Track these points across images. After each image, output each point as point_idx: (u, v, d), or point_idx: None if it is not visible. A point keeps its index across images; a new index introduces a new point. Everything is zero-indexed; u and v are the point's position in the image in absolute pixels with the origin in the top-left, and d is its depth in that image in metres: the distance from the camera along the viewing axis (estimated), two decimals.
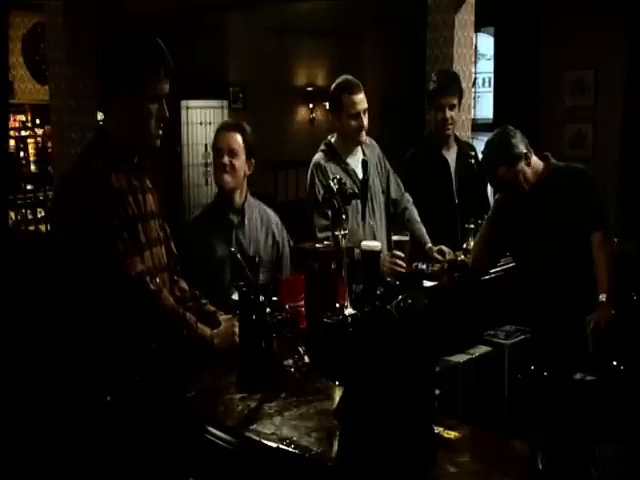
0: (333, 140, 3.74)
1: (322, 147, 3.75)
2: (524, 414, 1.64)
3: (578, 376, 1.46)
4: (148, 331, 2.28)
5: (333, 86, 3.72)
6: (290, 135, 10.07)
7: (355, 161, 3.70)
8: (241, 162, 3.22)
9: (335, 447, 1.77)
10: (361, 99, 3.63)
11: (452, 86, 4.16)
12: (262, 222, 3.32)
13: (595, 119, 7.07)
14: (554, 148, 7.60)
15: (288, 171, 9.08)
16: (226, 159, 3.19)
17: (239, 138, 3.22)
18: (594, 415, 1.48)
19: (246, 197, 3.30)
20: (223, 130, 3.28)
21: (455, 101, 4.13)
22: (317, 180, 3.57)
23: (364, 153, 3.78)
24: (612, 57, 6.82)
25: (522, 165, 3.13)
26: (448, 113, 4.07)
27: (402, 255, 3.47)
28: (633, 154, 6.73)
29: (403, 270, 3.44)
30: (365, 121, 3.65)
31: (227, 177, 3.20)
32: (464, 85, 4.86)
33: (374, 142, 3.90)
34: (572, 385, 1.46)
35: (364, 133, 3.68)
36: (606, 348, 2.76)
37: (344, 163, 3.69)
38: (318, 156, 3.69)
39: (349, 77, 3.71)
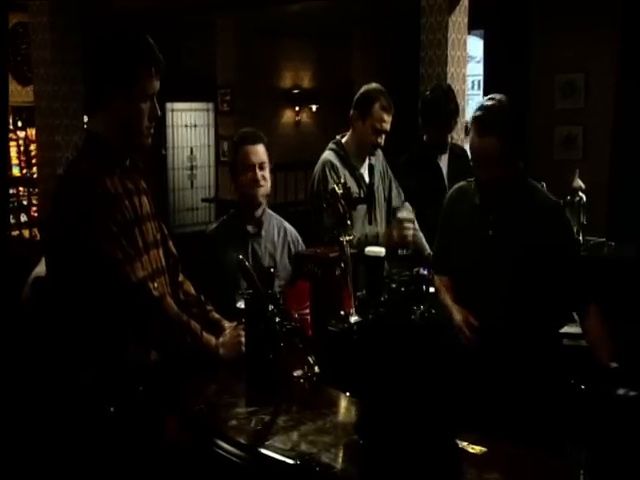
0: (344, 140, 3.64)
1: (332, 146, 3.63)
2: (560, 429, 1.58)
3: (621, 391, 1.40)
4: (151, 338, 2.22)
5: (367, 89, 3.60)
6: (276, 138, 9.99)
7: (364, 166, 3.64)
8: (269, 173, 3.15)
9: (357, 463, 1.69)
10: (390, 121, 3.56)
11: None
12: (279, 233, 3.23)
13: (585, 122, 7.07)
14: (544, 151, 7.57)
15: (276, 174, 8.99)
16: (259, 174, 3.10)
17: (262, 149, 3.14)
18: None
19: (264, 208, 3.21)
20: (247, 145, 3.13)
21: None
22: (330, 177, 3.43)
23: (370, 159, 3.70)
24: (602, 60, 6.82)
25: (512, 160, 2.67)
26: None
27: (409, 217, 3.34)
28: (623, 157, 6.72)
29: (411, 233, 3.31)
30: (382, 141, 3.58)
31: (262, 190, 3.11)
32: (457, 88, 4.85)
33: (379, 149, 3.83)
34: (615, 400, 1.40)
35: (379, 150, 3.64)
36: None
37: (353, 167, 3.60)
38: (328, 154, 3.58)
39: (384, 91, 3.59)
